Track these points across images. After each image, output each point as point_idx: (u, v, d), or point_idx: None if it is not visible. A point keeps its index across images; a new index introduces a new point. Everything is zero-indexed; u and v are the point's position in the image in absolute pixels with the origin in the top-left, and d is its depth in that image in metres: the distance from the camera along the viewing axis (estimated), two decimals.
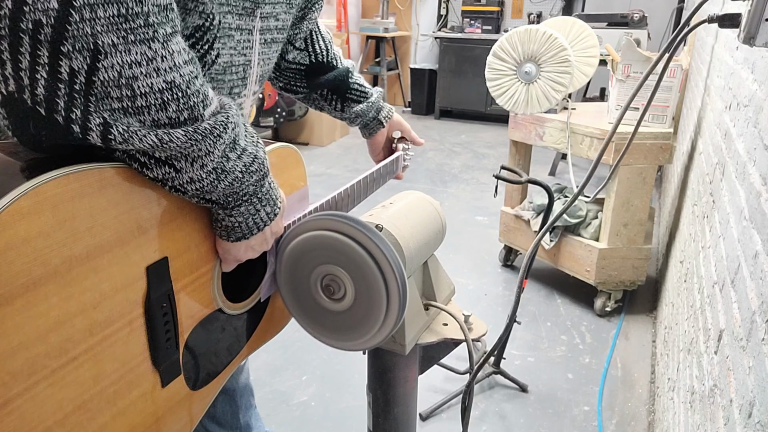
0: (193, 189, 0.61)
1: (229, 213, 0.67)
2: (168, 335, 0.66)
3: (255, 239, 0.72)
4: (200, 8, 0.67)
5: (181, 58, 0.54)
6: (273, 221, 0.73)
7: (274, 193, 0.71)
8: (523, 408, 1.82)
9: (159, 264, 0.64)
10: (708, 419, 0.95)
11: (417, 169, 4.32)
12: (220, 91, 0.79)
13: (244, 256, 0.74)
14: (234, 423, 1.25)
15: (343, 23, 6.38)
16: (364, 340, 0.79)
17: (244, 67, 0.81)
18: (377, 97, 1.14)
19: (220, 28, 0.72)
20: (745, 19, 0.79)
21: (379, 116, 1.14)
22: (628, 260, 2.27)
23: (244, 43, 0.78)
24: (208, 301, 0.73)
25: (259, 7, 0.78)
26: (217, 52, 0.73)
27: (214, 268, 0.74)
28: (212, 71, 0.75)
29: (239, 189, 0.64)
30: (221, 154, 0.60)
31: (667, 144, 2.12)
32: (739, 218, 0.98)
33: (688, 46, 3.11)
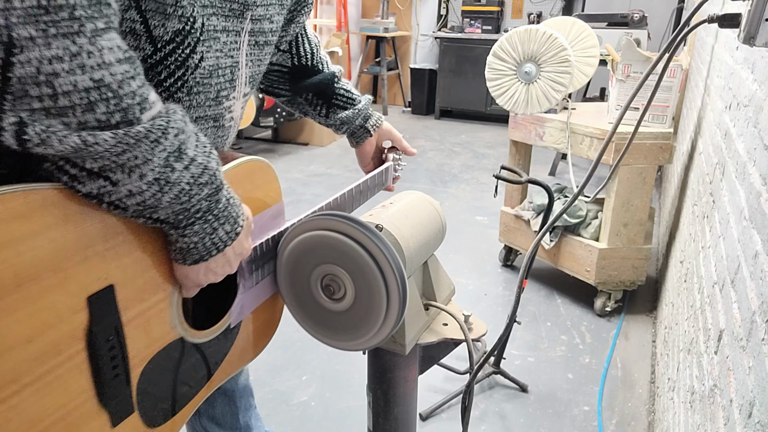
0: (134, 204, 0.56)
1: (182, 233, 0.62)
2: (116, 371, 0.60)
3: (215, 261, 0.67)
4: (179, 12, 0.65)
5: (113, 56, 0.50)
6: (235, 241, 0.67)
7: (235, 210, 0.66)
8: (523, 408, 1.82)
9: (103, 293, 0.58)
10: (708, 419, 0.95)
11: (417, 169, 4.32)
12: (207, 95, 0.77)
13: (204, 280, 0.68)
14: (234, 424, 1.25)
15: (343, 23, 6.38)
16: (364, 340, 0.79)
17: (232, 69, 0.79)
18: (365, 104, 1.10)
19: (203, 31, 0.70)
20: (745, 19, 0.79)
21: (366, 124, 1.10)
22: (628, 260, 2.27)
23: (230, 45, 0.76)
24: (166, 330, 0.67)
25: (249, 10, 0.77)
26: (200, 55, 0.71)
27: (173, 293, 0.68)
28: (197, 75, 0.73)
29: (189, 205, 0.60)
30: (163, 163, 0.55)
31: (667, 144, 2.12)
32: (739, 218, 0.98)
33: (688, 46, 3.11)
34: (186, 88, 0.73)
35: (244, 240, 0.70)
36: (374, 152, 1.13)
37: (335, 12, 6.39)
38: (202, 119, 0.79)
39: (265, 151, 4.72)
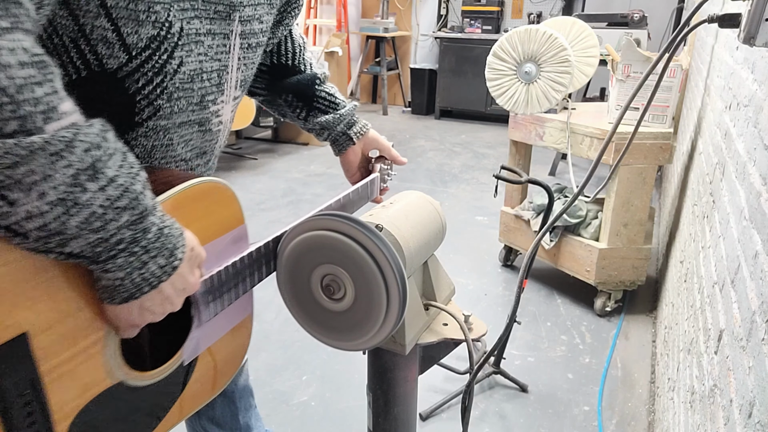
0: (35, 229, 0.48)
1: (104, 268, 0.54)
2: (34, 428, 0.54)
3: (149, 299, 0.59)
4: (152, 17, 0.63)
5: (14, 58, 0.45)
6: (172, 276, 0.59)
7: (171, 241, 0.59)
8: (523, 408, 1.82)
9: (13, 343, 0.50)
10: (708, 419, 0.95)
11: (417, 169, 4.32)
12: (189, 100, 0.74)
13: (141, 320, 0.60)
14: (234, 424, 1.25)
15: (343, 23, 6.39)
16: (364, 340, 0.79)
17: (219, 72, 0.76)
18: (348, 110, 1.04)
19: (182, 35, 0.67)
20: (745, 19, 0.79)
21: (349, 131, 1.04)
22: (628, 260, 2.27)
23: (217, 48, 0.74)
24: (100, 375, 0.60)
25: (237, 11, 0.75)
26: (179, 60, 0.69)
27: (108, 335, 0.60)
28: (176, 81, 0.70)
29: (107, 234, 0.52)
30: (70, 181, 0.48)
31: (667, 144, 2.12)
32: (739, 218, 0.98)
33: (688, 46, 3.11)
34: (166, 95, 0.71)
35: (188, 273, 0.62)
36: (360, 162, 1.07)
37: (335, 12, 6.39)
38: (186, 124, 0.77)
39: (265, 151, 4.72)
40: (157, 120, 0.72)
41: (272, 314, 2.30)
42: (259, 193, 3.71)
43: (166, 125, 0.74)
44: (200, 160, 0.84)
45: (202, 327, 0.72)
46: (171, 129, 0.75)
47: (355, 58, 6.65)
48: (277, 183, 3.92)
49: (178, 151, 0.78)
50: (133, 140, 0.72)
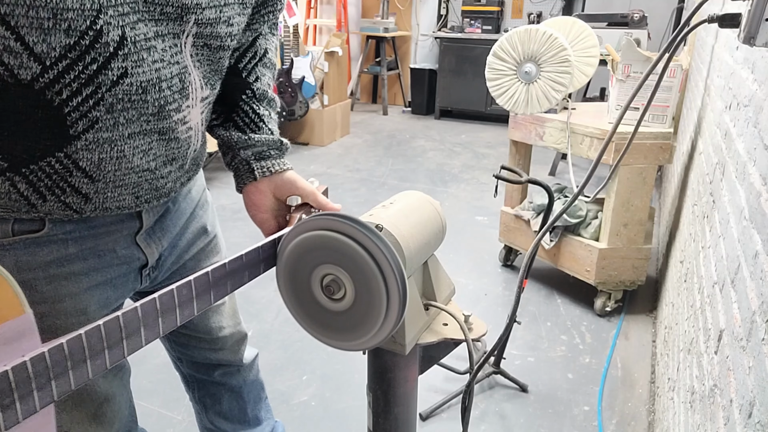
0: None
1: None
2: None
3: None
4: (63, 26, 0.58)
5: None
6: None
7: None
8: (523, 408, 1.82)
9: None
10: (708, 419, 0.95)
11: (417, 169, 4.32)
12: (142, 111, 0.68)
13: None
14: (242, 417, 1.25)
15: (343, 23, 6.38)
16: (364, 340, 0.79)
17: (180, 77, 0.72)
18: (266, 140, 0.89)
19: (124, 44, 0.62)
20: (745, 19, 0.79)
21: (253, 163, 0.87)
22: (628, 260, 2.27)
23: (171, 50, 0.69)
24: None
25: (192, 14, 0.69)
26: (120, 71, 0.64)
27: None
28: (118, 92, 0.65)
29: None
30: None
31: (667, 144, 2.12)
32: (739, 218, 0.98)
33: (688, 46, 3.11)
34: (104, 107, 0.66)
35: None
36: (272, 207, 0.89)
37: (335, 12, 6.39)
38: (140, 134, 0.71)
39: None
40: (98, 132, 0.67)
41: (272, 314, 2.30)
42: None
43: (111, 137, 0.69)
44: (171, 167, 0.79)
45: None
46: (119, 141, 0.70)
47: (355, 58, 6.65)
48: None
49: (136, 163, 0.73)
50: (74, 154, 0.68)
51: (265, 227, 0.90)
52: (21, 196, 0.70)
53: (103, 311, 0.84)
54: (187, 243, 0.98)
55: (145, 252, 0.87)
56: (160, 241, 0.90)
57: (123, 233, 0.83)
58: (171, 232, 0.93)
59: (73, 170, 0.70)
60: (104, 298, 0.84)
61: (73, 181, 0.71)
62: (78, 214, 0.74)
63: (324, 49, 5.04)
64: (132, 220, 0.84)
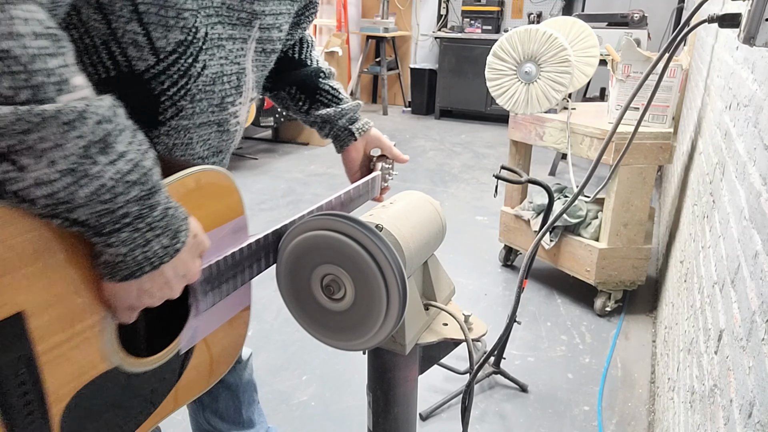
0: (43, 196, 0.49)
1: (107, 241, 0.54)
2: (28, 408, 0.53)
3: (150, 280, 0.58)
4: (181, 23, 0.66)
5: (29, 28, 0.46)
6: (174, 258, 0.59)
7: (176, 223, 0.59)
8: (523, 408, 1.82)
9: (8, 322, 0.50)
10: (708, 419, 0.95)
11: (417, 169, 4.32)
12: (210, 102, 0.76)
13: (139, 303, 0.60)
14: (237, 418, 1.26)
15: (343, 23, 6.38)
16: (364, 340, 0.79)
17: (238, 75, 0.79)
18: (351, 106, 1.05)
19: (206, 40, 0.71)
20: (745, 19, 0.79)
21: (351, 127, 1.04)
22: (628, 260, 2.27)
23: (236, 52, 0.77)
24: (96, 359, 0.60)
25: (258, 19, 0.78)
26: (203, 63, 0.72)
27: (105, 319, 0.60)
28: (199, 83, 0.73)
29: (114, 205, 0.52)
30: (81, 152, 0.49)
31: (667, 144, 2.12)
32: (739, 218, 0.98)
33: (688, 46, 3.11)
34: (189, 96, 0.74)
35: (189, 260, 0.62)
36: (362, 160, 1.07)
37: (335, 12, 6.39)
38: (206, 125, 0.79)
39: (265, 151, 4.72)
40: (179, 120, 0.75)
41: (272, 314, 2.30)
42: (259, 193, 3.71)
43: (187, 125, 0.76)
44: (216, 158, 0.87)
45: (199, 316, 0.72)
46: (191, 129, 0.77)
47: (355, 58, 6.64)
48: (277, 183, 3.92)
49: (197, 150, 0.81)
50: (155, 138, 0.75)
51: (355, 177, 1.08)
52: None
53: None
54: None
55: None
56: None
57: None
58: None
59: None
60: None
61: None
62: None
63: (324, 49, 5.04)
64: None
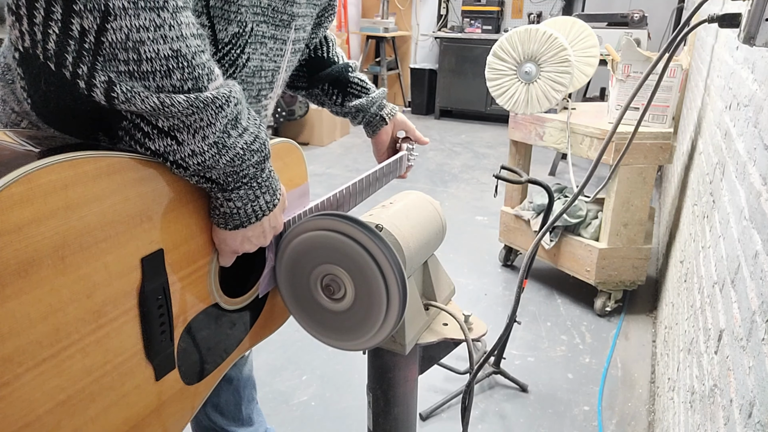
0: (195, 164, 0.60)
1: (228, 196, 0.66)
2: (162, 328, 0.65)
3: (252, 230, 0.71)
4: (238, 18, 0.72)
5: (189, 31, 0.56)
6: (272, 212, 0.72)
7: (274, 183, 0.71)
8: (523, 408, 1.82)
9: (154, 255, 0.62)
10: (708, 419, 0.95)
11: (417, 169, 4.32)
12: (249, 93, 0.83)
13: (241, 248, 0.73)
14: (236, 415, 1.26)
15: (343, 23, 6.38)
16: (364, 340, 0.79)
17: (273, 72, 0.85)
18: (379, 94, 1.14)
19: (252, 35, 0.76)
20: (745, 19, 0.79)
21: (381, 113, 1.14)
22: (628, 260, 2.27)
23: (276, 51, 0.82)
24: (204, 295, 0.72)
25: (294, 20, 0.83)
26: (247, 56, 0.77)
27: (212, 261, 0.72)
28: (243, 74, 0.78)
29: (240, 169, 0.64)
30: (222, 128, 0.60)
31: (667, 144, 2.12)
32: (739, 218, 0.98)
33: (688, 46, 3.11)
34: None
35: (279, 214, 0.74)
36: (389, 142, 1.17)
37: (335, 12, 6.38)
38: None
39: None
40: None
41: None
42: None
43: None
44: None
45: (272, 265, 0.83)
46: None
47: (355, 58, 6.64)
48: None
49: None
50: None
51: (383, 158, 1.18)
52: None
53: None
54: None
55: None
56: None
57: None
58: None
59: None
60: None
61: None
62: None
63: None
64: None
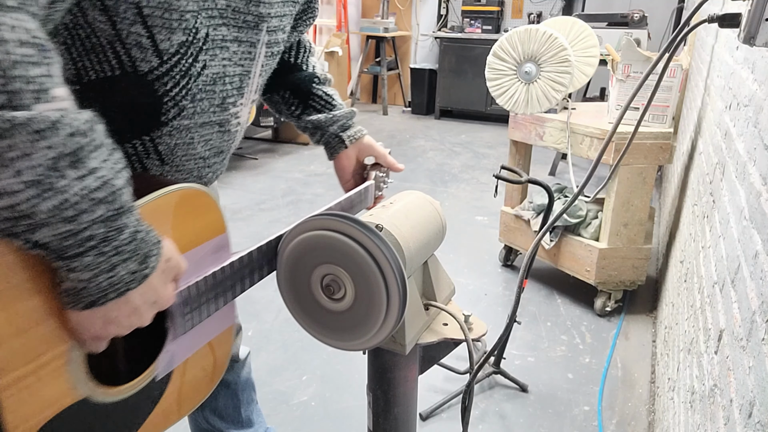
0: (4, 207, 0.46)
1: (69, 266, 0.51)
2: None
3: (115, 309, 0.55)
4: (183, 25, 0.67)
5: (15, 36, 0.45)
6: (142, 285, 0.56)
7: (145, 247, 0.56)
8: (523, 408, 1.82)
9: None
10: (708, 419, 0.95)
11: (417, 169, 4.32)
12: (211, 101, 0.77)
13: (104, 333, 0.56)
14: (235, 417, 1.26)
15: (343, 23, 6.38)
16: (365, 340, 0.79)
17: (241, 77, 0.80)
18: (344, 113, 1.04)
19: (207, 41, 0.71)
20: (745, 19, 0.79)
21: (342, 134, 1.03)
22: (628, 260, 2.27)
23: (243, 54, 0.78)
24: (64, 390, 0.57)
25: (265, 22, 0.78)
26: (203, 64, 0.72)
27: (73, 348, 0.57)
28: (199, 82, 0.74)
29: (78, 226, 0.49)
30: (50, 164, 0.47)
31: (667, 144, 2.12)
32: (739, 218, 0.98)
33: (688, 46, 3.11)
34: (190, 96, 0.74)
35: (160, 286, 0.59)
36: (354, 168, 1.06)
37: (335, 12, 6.39)
38: (207, 124, 0.79)
39: (265, 151, 4.72)
40: (181, 119, 0.75)
41: (272, 314, 2.30)
42: (259, 193, 3.70)
43: (188, 125, 0.77)
44: (217, 158, 0.87)
45: (177, 340, 0.68)
46: (193, 128, 0.78)
47: (355, 58, 6.64)
48: (277, 183, 3.92)
49: (198, 150, 0.81)
50: (158, 138, 0.75)
51: (348, 186, 1.07)
52: None
53: None
54: None
55: None
56: None
57: None
58: None
59: (151, 153, 0.76)
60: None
61: (147, 163, 0.77)
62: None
63: (324, 49, 5.04)
64: None
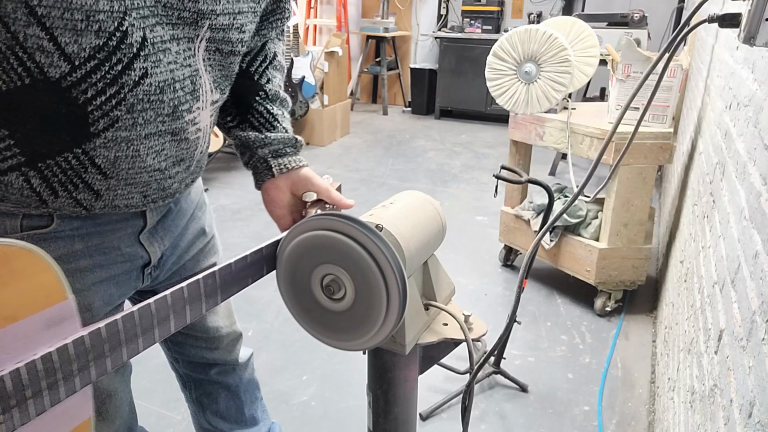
0: None
1: None
2: None
3: None
4: (94, 27, 0.60)
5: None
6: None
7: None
8: (523, 408, 1.82)
9: None
10: (708, 419, 0.95)
11: (417, 169, 4.32)
12: (159, 111, 0.71)
13: None
14: (239, 417, 1.26)
15: (343, 23, 6.38)
16: (365, 340, 0.79)
17: (192, 79, 0.74)
18: (281, 138, 0.92)
19: (144, 45, 0.65)
20: (745, 19, 0.79)
21: (270, 160, 0.90)
22: (628, 260, 2.27)
23: (185, 53, 0.71)
24: None
25: (207, 19, 0.72)
26: (141, 71, 0.66)
27: None
28: (139, 92, 0.67)
29: None
30: None
31: (667, 144, 2.12)
32: (739, 218, 0.98)
33: (688, 46, 3.11)
34: (125, 107, 0.68)
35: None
36: (288, 203, 0.93)
37: (335, 12, 6.39)
38: (155, 135, 0.73)
39: None
40: (117, 131, 0.69)
41: (272, 314, 2.30)
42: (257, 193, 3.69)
43: (128, 136, 0.71)
44: (179, 167, 0.81)
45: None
46: (135, 140, 0.71)
47: (355, 58, 6.64)
48: None
49: (149, 162, 0.75)
50: (92, 151, 0.70)
51: (282, 222, 0.93)
52: (33, 191, 0.71)
53: (106, 308, 0.85)
54: (188, 243, 0.99)
55: (148, 250, 0.89)
56: (162, 240, 0.91)
57: (127, 231, 0.84)
58: (173, 232, 0.94)
59: (88, 167, 0.71)
60: (108, 294, 0.85)
61: (86, 178, 0.72)
62: (87, 210, 0.76)
63: (324, 49, 5.04)
64: (136, 219, 0.85)
